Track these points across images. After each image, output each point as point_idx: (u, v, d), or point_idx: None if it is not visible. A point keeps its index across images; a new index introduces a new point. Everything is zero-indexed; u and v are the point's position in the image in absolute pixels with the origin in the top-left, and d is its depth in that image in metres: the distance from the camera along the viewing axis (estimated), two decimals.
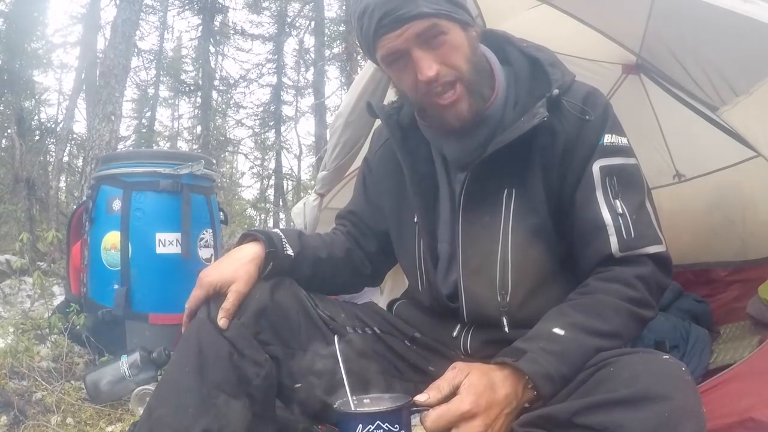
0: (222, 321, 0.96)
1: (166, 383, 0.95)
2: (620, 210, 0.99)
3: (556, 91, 1.02)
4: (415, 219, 1.15)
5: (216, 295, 1.00)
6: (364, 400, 0.86)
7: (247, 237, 1.12)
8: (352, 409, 0.83)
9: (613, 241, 0.98)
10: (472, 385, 0.81)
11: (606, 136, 1.02)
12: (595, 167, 1.01)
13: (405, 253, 1.20)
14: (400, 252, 1.23)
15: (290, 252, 1.11)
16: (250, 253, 1.06)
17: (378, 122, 1.36)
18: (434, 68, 0.96)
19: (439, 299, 1.13)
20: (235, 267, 1.02)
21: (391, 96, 1.63)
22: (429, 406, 0.80)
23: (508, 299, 1.05)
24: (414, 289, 1.21)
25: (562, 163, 1.03)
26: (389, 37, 0.97)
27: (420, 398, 0.81)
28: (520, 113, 1.03)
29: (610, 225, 0.98)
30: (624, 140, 1.04)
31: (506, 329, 1.05)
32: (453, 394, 0.81)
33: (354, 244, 1.27)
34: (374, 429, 0.77)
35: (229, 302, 0.98)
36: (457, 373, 0.84)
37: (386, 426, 0.77)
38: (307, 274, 1.15)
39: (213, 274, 1.01)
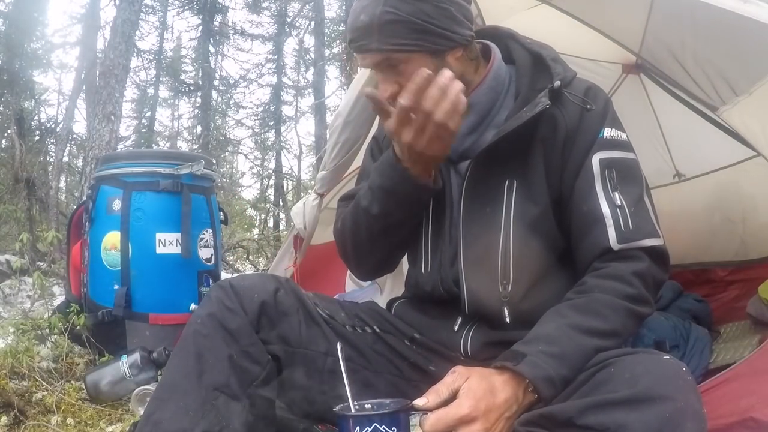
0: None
1: (165, 385, 0.95)
2: (618, 202, 0.99)
3: (557, 83, 1.03)
4: None
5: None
6: (366, 406, 0.86)
7: None
8: (351, 411, 0.82)
9: (611, 233, 0.98)
10: (471, 390, 0.81)
11: (606, 129, 1.03)
12: (595, 159, 1.02)
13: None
14: None
15: None
16: None
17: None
18: (389, 90, 1.03)
19: (443, 282, 1.12)
20: None
21: None
22: (428, 410, 0.80)
23: (509, 289, 1.04)
24: (417, 275, 1.19)
25: (562, 154, 1.04)
26: (358, 57, 1.06)
27: (419, 402, 0.81)
28: (521, 105, 1.05)
29: (609, 217, 0.98)
30: (623, 135, 1.05)
31: (507, 320, 1.05)
32: (452, 398, 0.81)
33: None
34: (371, 431, 0.76)
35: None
36: (456, 377, 0.84)
37: (383, 428, 0.77)
38: None
39: None
